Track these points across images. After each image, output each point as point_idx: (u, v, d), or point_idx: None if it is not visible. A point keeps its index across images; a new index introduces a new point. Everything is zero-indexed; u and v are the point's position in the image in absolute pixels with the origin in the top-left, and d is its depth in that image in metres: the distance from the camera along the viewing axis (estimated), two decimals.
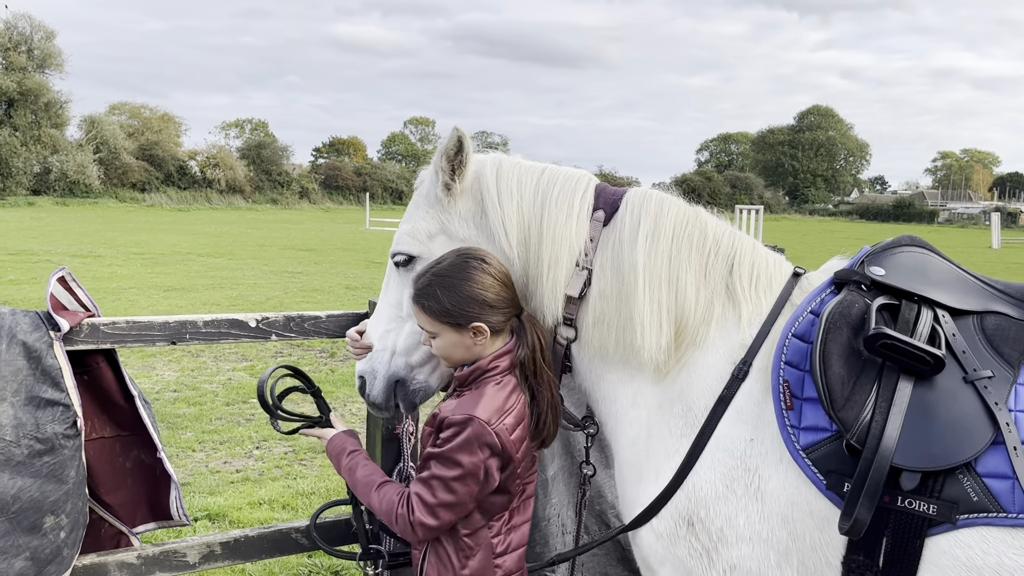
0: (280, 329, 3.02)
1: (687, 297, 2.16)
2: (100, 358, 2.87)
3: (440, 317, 2.23)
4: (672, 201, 2.31)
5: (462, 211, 2.36)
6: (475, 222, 2.36)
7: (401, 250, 2.42)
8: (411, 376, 2.46)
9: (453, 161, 2.31)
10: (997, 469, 1.78)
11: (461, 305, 2.21)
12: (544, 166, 2.41)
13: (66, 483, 2.56)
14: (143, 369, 9.21)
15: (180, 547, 2.97)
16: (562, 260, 2.25)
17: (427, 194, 2.42)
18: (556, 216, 2.27)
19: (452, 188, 2.34)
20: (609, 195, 2.34)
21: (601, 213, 2.29)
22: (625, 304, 2.19)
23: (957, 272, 2.14)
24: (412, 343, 2.42)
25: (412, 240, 2.40)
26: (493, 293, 2.22)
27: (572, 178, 2.35)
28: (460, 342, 2.26)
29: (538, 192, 2.32)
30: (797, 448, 1.92)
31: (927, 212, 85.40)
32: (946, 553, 1.79)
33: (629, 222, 2.25)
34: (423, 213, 2.41)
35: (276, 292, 15.51)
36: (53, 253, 20.80)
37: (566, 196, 2.30)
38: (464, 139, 2.28)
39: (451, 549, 2.28)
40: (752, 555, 1.96)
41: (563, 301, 2.26)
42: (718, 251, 2.23)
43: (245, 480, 6.12)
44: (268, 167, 65.20)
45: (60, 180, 52.14)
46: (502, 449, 2.17)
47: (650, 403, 2.19)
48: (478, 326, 2.22)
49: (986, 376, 1.88)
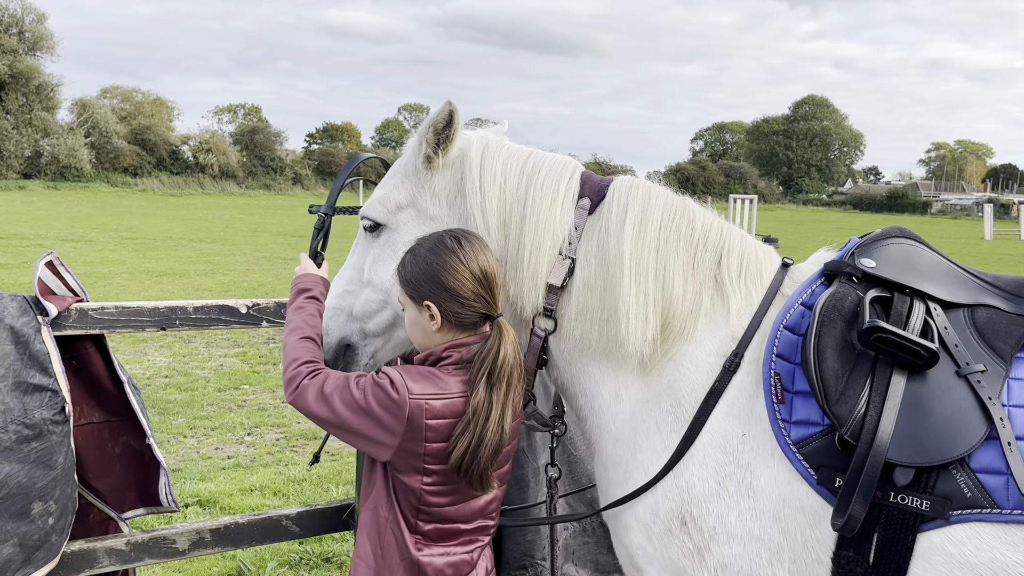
0: (271, 315, 3.00)
1: (674, 288, 2.12)
2: (89, 343, 2.85)
3: (403, 285, 2.19)
4: (660, 191, 2.26)
5: (437, 188, 2.29)
6: (448, 201, 2.30)
7: (368, 215, 2.36)
8: (363, 344, 2.40)
9: (440, 134, 2.24)
10: (991, 464, 1.77)
11: (418, 278, 2.15)
12: (530, 150, 2.35)
13: (54, 469, 2.55)
14: (134, 354, 9.19)
15: (170, 533, 2.96)
16: (544, 247, 2.19)
17: (405, 164, 2.36)
18: (540, 201, 2.21)
19: (433, 162, 2.27)
20: (595, 183, 2.28)
21: (587, 201, 2.24)
22: (610, 295, 2.14)
23: (946, 264, 2.12)
24: (369, 309, 2.37)
25: (381, 207, 2.34)
26: (453, 278, 2.11)
27: (558, 164, 2.30)
28: (418, 320, 2.19)
29: (523, 176, 2.25)
30: (788, 443, 1.89)
31: (920, 203, 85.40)
32: (938, 549, 1.78)
33: (616, 211, 2.19)
34: (397, 182, 2.35)
35: (269, 278, 15.47)
36: (44, 237, 20.70)
37: (552, 182, 2.24)
38: (455, 113, 2.21)
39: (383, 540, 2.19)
40: (744, 553, 1.93)
41: (544, 290, 2.19)
42: (706, 241, 2.19)
43: (236, 466, 6.11)
44: (261, 152, 64.95)
45: (51, 164, 51.79)
46: (408, 418, 2.03)
47: (634, 398, 2.14)
48: (429, 306, 2.14)
49: (979, 370, 1.86)
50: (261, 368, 8.99)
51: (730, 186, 76.79)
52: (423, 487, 2.11)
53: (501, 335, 2.13)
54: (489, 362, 2.10)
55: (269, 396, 7.98)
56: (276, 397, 7.95)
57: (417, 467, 2.10)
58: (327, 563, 4.59)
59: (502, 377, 2.11)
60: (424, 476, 2.10)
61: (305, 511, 3.23)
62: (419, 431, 2.06)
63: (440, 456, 2.09)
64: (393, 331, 2.38)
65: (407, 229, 2.32)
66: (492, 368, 2.09)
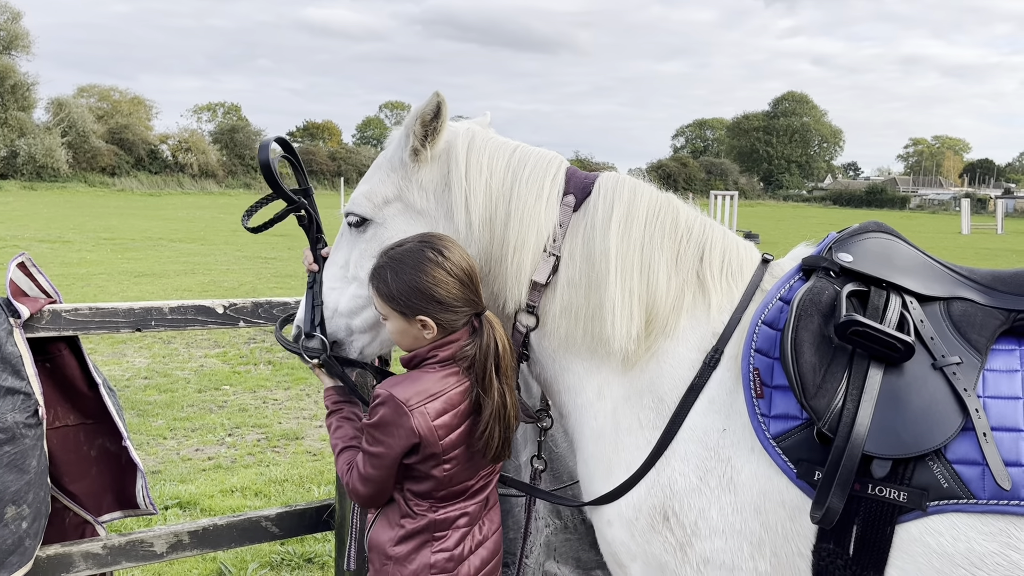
0: (248, 315, 2.98)
1: (658, 285, 2.12)
2: (63, 345, 2.81)
3: (388, 301, 2.19)
4: (644, 187, 2.26)
5: (424, 181, 2.26)
6: (435, 194, 2.27)
7: (354, 211, 2.32)
8: (349, 340, 2.40)
9: (428, 126, 2.20)
10: (967, 455, 1.77)
11: (408, 295, 2.15)
12: (516, 144, 2.32)
13: (27, 473, 2.52)
14: (113, 356, 9.09)
15: (147, 536, 2.93)
16: (529, 243, 2.18)
17: (391, 157, 2.31)
18: (526, 197, 2.19)
19: (421, 154, 2.23)
20: (580, 179, 2.27)
21: (571, 198, 2.23)
22: (595, 292, 2.13)
23: (922, 258, 2.13)
24: (355, 306, 2.35)
25: (367, 202, 2.30)
26: (444, 290, 2.14)
27: (544, 159, 2.28)
28: (408, 330, 2.21)
29: (508, 170, 2.23)
30: (768, 437, 1.90)
31: (899, 198, 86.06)
32: (916, 540, 1.79)
33: (602, 208, 2.18)
34: (383, 176, 2.31)
35: (249, 278, 15.37)
36: (20, 238, 20.47)
37: (537, 177, 2.22)
38: (443, 105, 2.17)
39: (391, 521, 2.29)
40: (726, 547, 1.94)
41: (528, 287, 2.19)
42: (690, 238, 2.19)
43: (217, 468, 6.07)
44: (241, 151, 64.44)
45: (27, 164, 51.20)
46: (416, 431, 2.11)
47: (616, 394, 2.14)
48: (424, 320, 2.17)
49: (954, 362, 1.87)
50: (242, 368, 8.94)
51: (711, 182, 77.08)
52: (444, 474, 2.21)
53: (493, 328, 2.21)
54: (492, 356, 2.19)
55: (250, 396, 7.93)
56: (257, 398, 7.90)
57: (438, 460, 2.18)
58: (309, 563, 4.57)
59: (505, 364, 2.22)
60: (445, 465, 2.19)
61: (285, 512, 3.21)
62: (431, 434, 2.14)
63: (455, 445, 2.19)
64: (380, 328, 2.36)
65: (394, 223, 2.29)
66: (497, 360, 2.19)
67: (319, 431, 6.96)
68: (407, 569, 2.24)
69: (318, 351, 2.37)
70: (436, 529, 2.25)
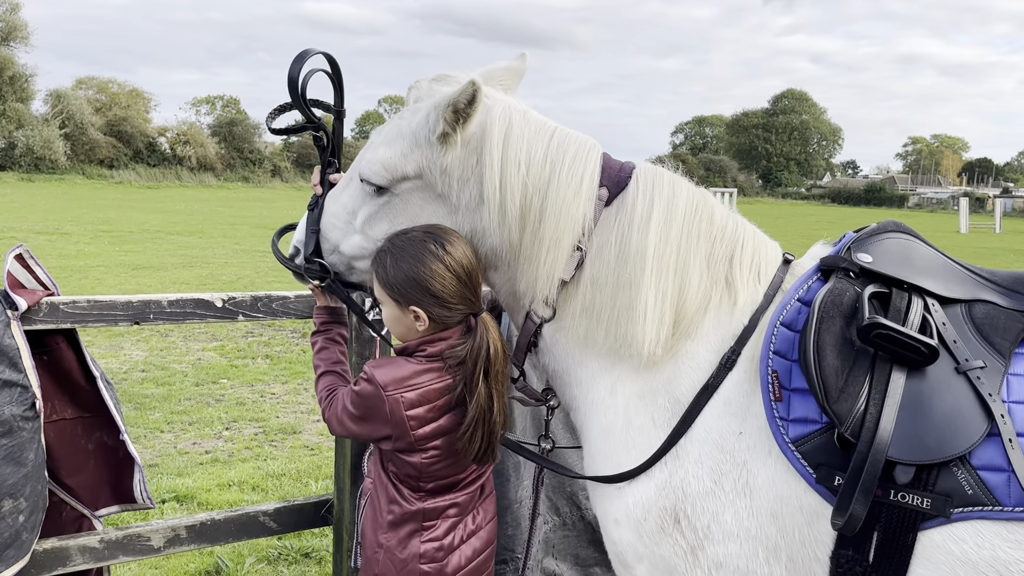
0: (247, 309, 2.94)
1: (690, 287, 2.04)
2: (60, 338, 2.77)
3: (384, 287, 2.20)
4: (682, 184, 2.16)
5: (449, 166, 2.12)
6: (460, 182, 2.14)
7: (370, 179, 2.20)
8: (349, 273, 2.37)
9: (460, 113, 2.06)
10: (992, 462, 1.74)
11: (404, 284, 2.15)
12: (554, 128, 2.18)
13: (25, 466, 2.49)
14: (110, 349, 9.05)
15: (144, 531, 2.91)
16: (564, 242, 2.08)
17: (415, 131, 2.15)
18: (564, 192, 2.07)
19: (450, 138, 2.09)
20: (614, 172, 2.16)
21: (605, 191, 2.12)
22: (624, 293, 2.05)
23: (942, 259, 2.09)
24: (358, 254, 2.30)
25: (385, 173, 2.17)
26: (440, 284, 2.12)
27: (583, 149, 2.14)
28: (401, 319, 2.23)
29: (547, 161, 2.10)
30: (786, 441, 1.85)
31: (897, 196, 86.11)
32: (939, 547, 1.75)
33: (642, 205, 2.08)
34: (406, 150, 2.15)
35: (247, 271, 15.32)
36: (17, 230, 20.39)
37: (577, 170, 2.10)
38: (478, 95, 2.03)
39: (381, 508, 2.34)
40: (740, 552, 1.90)
41: (558, 285, 2.11)
42: (723, 238, 2.12)
43: (214, 461, 6.03)
44: (240, 144, 64.31)
45: (25, 155, 51.00)
46: (389, 417, 2.18)
47: (629, 392, 2.08)
48: (416, 311, 2.17)
49: (978, 366, 1.84)
50: (239, 362, 8.89)
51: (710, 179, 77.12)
52: (422, 461, 2.25)
53: (488, 331, 2.20)
54: (483, 359, 2.19)
55: (247, 390, 7.89)
56: (254, 391, 7.86)
57: (412, 448, 2.24)
58: (306, 558, 4.53)
59: (496, 370, 2.22)
60: (422, 454, 2.24)
61: (283, 507, 3.18)
62: (402, 423, 2.19)
63: (430, 437, 2.23)
64: None
65: (412, 201, 2.20)
66: (487, 364, 2.19)
67: (317, 425, 6.92)
68: (397, 558, 2.29)
69: (318, 272, 2.35)
70: (425, 518, 2.29)
